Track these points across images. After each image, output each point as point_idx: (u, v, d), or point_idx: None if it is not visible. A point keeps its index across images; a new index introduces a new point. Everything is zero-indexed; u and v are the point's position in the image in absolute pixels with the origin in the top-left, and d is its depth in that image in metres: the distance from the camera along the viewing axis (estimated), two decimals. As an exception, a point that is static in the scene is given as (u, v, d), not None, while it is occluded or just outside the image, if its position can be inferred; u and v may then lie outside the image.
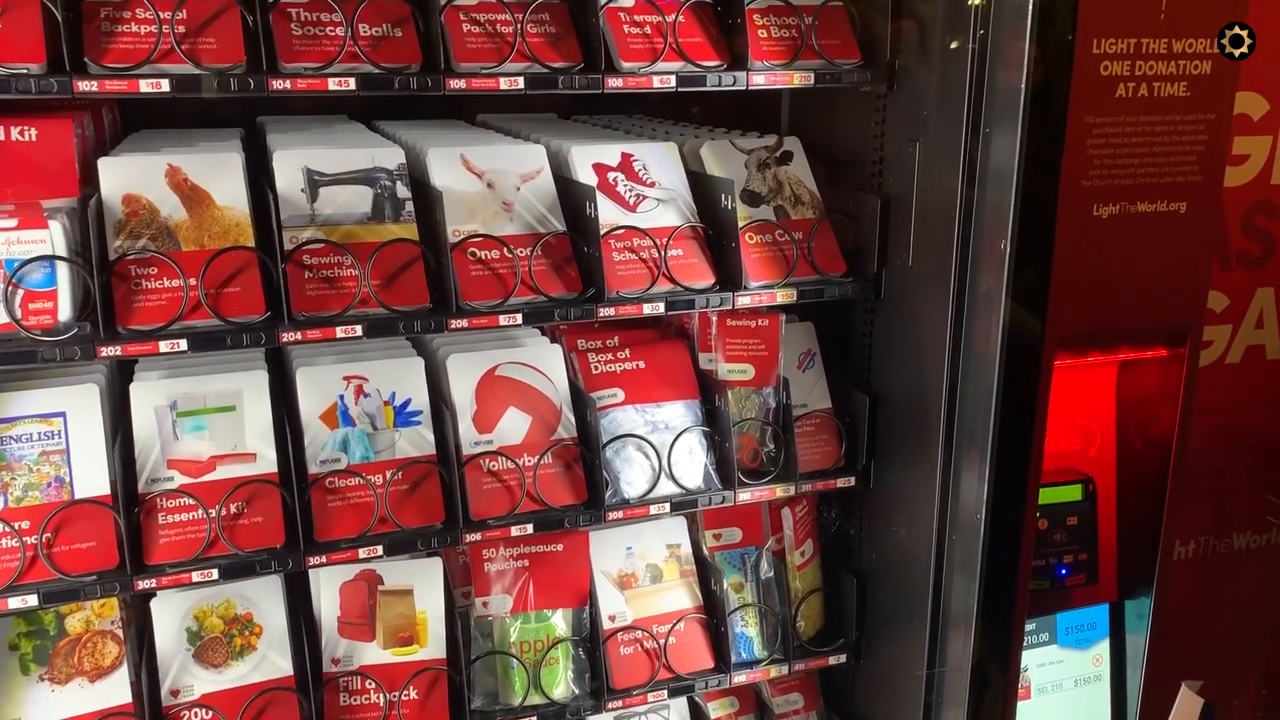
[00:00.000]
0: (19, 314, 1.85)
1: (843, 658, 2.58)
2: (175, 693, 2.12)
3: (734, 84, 2.18)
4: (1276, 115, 2.32)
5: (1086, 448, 2.37)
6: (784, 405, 2.41)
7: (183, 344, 1.92)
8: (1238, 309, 2.46)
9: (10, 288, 1.84)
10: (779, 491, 2.41)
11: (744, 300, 2.27)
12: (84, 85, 1.81)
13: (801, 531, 2.58)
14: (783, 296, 2.30)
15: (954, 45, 2.09)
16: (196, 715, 2.11)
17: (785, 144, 2.42)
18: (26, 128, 1.95)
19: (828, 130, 2.54)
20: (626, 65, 2.11)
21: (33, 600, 1.93)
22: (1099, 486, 2.35)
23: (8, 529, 1.92)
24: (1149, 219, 2.08)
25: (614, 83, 2.10)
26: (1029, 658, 2.37)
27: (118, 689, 2.10)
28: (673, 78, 2.14)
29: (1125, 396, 2.36)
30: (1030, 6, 1.93)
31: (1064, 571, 2.34)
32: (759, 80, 2.19)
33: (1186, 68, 2.02)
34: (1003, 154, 2.03)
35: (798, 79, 2.22)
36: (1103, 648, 2.45)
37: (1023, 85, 1.96)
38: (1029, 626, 2.33)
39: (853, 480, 2.48)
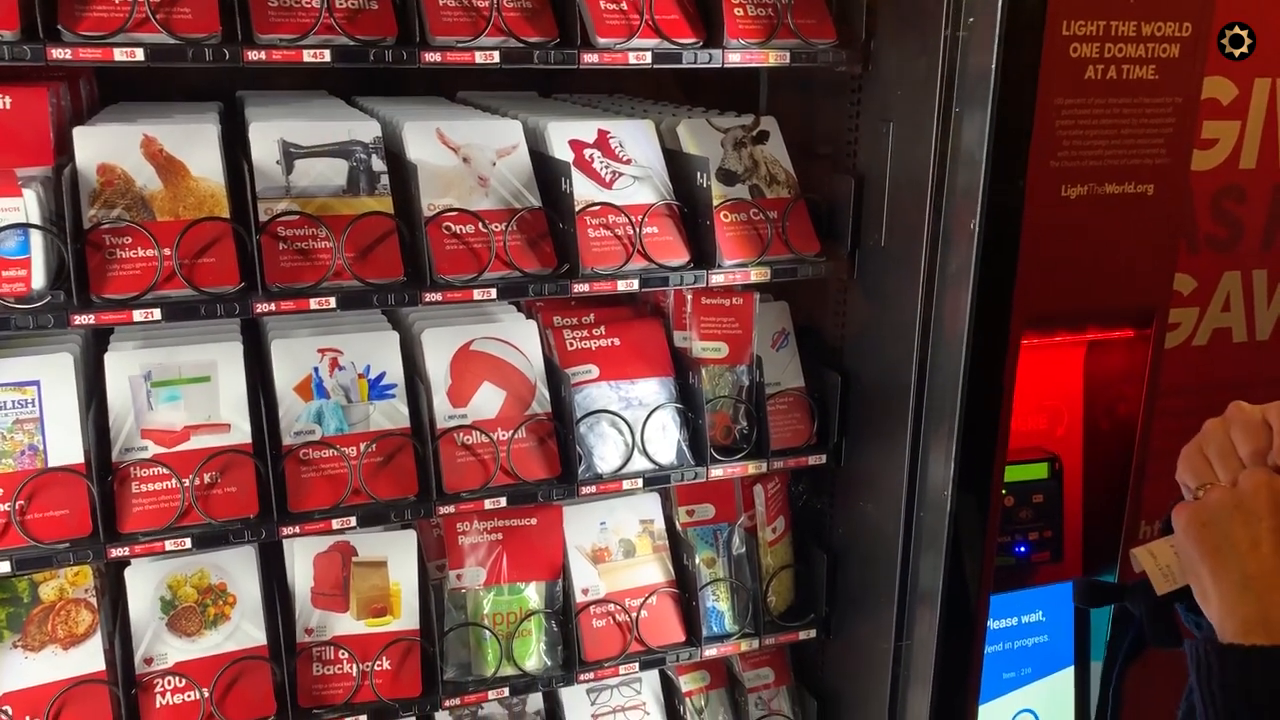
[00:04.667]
0: (-8, 281, 1.86)
1: (813, 633, 2.61)
2: (149, 661, 2.14)
3: (710, 61, 2.19)
4: (1245, 100, 2.35)
5: (1054, 427, 2.40)
6: (757, 383, 2.43)
7: (156, 313, 1.93)
8: (1205, 292, 2.50)
9: (-17, 255, 1.85)
10: (751, 468, 2.44)
11: (718, 278, 2.29)
12: (58, 53, 1.81)
13: (773, 508, 2.61)
14: (757, 275, 2.32)
15: (928, 26, 2.11)
16: (169, 683, 2.13)
17: (762, 123, 2.44)
18: (1, 95, 1.95)
19: (803, 110, 2.56)
20: (602, 41, 2.12)
21: (5, 567, 1.94)
22: (1065, 465, 2.39)
23: (-19, 496, 1.94)
24: (1117, 200, 2.11)
25: (590, 58, 2.11)
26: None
27: (91, 656, 2.11)
28: (649, 54, 2.15)
29: (1093, 377, 2.39)
30: (1002, -12, 1.95)
31: (1029, 549, 2.38)
32: (735, 58, 2.20)
33: (1155, 51, 2.05)
34: (973, 135, 2.05)
35: (773, 58, 2.24)
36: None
37: (994, 66, 1.98)
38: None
39: (824, 458, 2.51)
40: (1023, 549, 2.35)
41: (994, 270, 2.10)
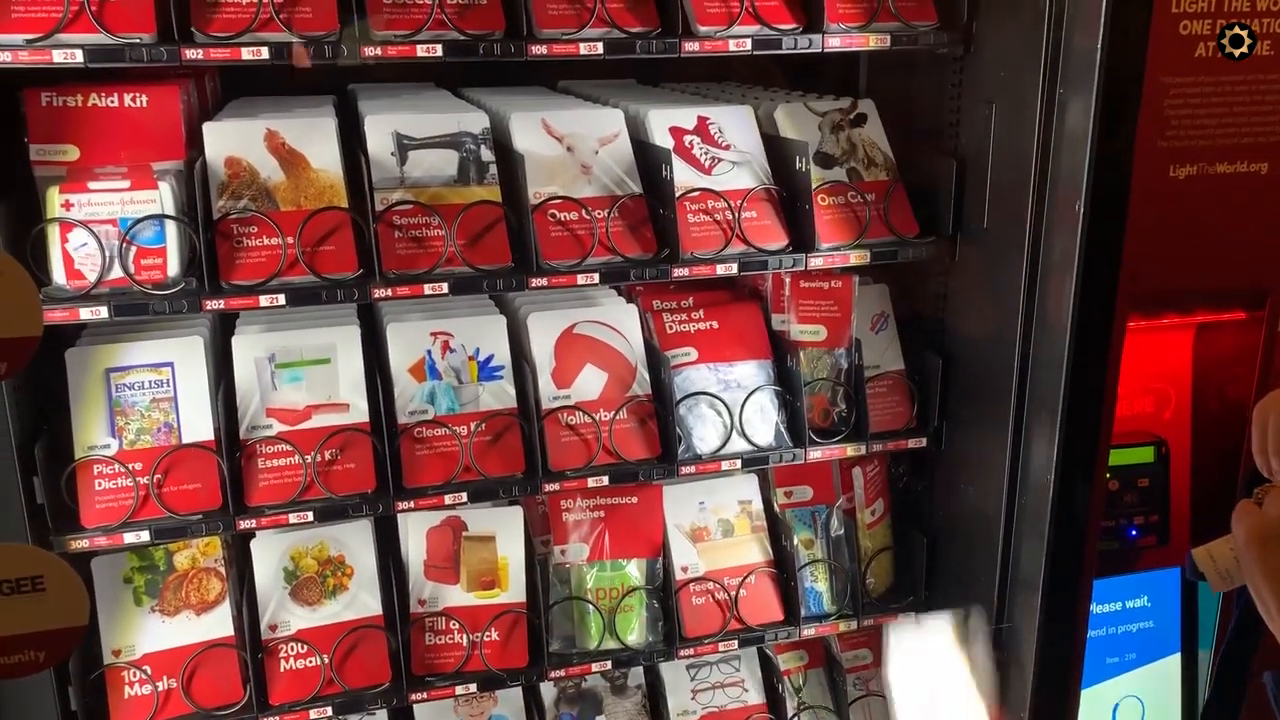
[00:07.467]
0: (132, 269, 1.98)
1: (912, 615, 2.62)
2: (273, 627, 2.26)
3: (809, 46, 2.21)
4: (1367, 75, 2.26)
5: (1161, 410, 2.36)
6: (856, 366, 2.44)
7: (281, 299, 2.04)
8: (1322, 273, 2.42)
9: (124, 245, 1.98)
10: (850, 451, 2.46)
11: (816, 261, 2.31)
12: (191, 53, 1.92)
13: (872, 491, 2.62)
14: (855, 258, 2.33)
15: (1031, 6, 2.09)
16: (292, 649, 2.25)
17: (859, 106, 2.44)
18: (138, 94, 2.08)
19: (904, 92, 2.56)
20: (703, 29, 2.15)
21: (145, 536, 2.08)
22: (1173, 449, 2.35)
23: (123, 469, 2.07)
24: (1228, 180, 2.06)
25: (690, 46, 2.15)
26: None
27: (221, 622, 2.25)
28: (749, 40, 2.18)
29: (1202, 360, 2.34)
30: (1108, -34, 1.92)
31: (1134, 533, 2.35)
32: (834, 43, 2.21)
33: (1271, 26, 2.00)
34: (1078, 115, 2.03)
35: (874, 41, 2.24)
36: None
37: (1099, 45, 1.95)
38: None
39: (924, 441, 2.51)
40: (1134, 532, 2.32)
41: (1099, 252, 2.07)
